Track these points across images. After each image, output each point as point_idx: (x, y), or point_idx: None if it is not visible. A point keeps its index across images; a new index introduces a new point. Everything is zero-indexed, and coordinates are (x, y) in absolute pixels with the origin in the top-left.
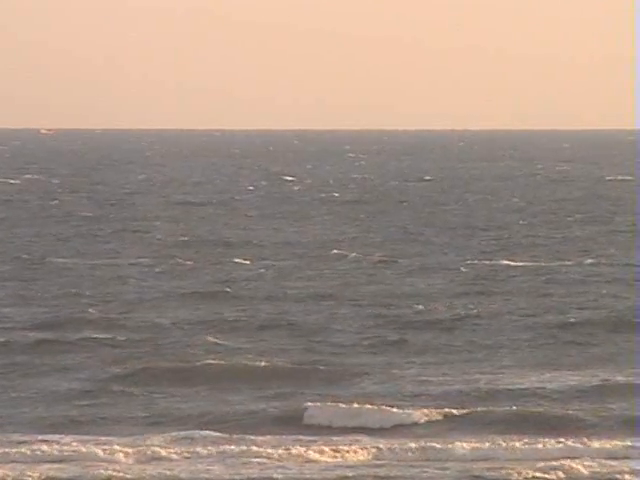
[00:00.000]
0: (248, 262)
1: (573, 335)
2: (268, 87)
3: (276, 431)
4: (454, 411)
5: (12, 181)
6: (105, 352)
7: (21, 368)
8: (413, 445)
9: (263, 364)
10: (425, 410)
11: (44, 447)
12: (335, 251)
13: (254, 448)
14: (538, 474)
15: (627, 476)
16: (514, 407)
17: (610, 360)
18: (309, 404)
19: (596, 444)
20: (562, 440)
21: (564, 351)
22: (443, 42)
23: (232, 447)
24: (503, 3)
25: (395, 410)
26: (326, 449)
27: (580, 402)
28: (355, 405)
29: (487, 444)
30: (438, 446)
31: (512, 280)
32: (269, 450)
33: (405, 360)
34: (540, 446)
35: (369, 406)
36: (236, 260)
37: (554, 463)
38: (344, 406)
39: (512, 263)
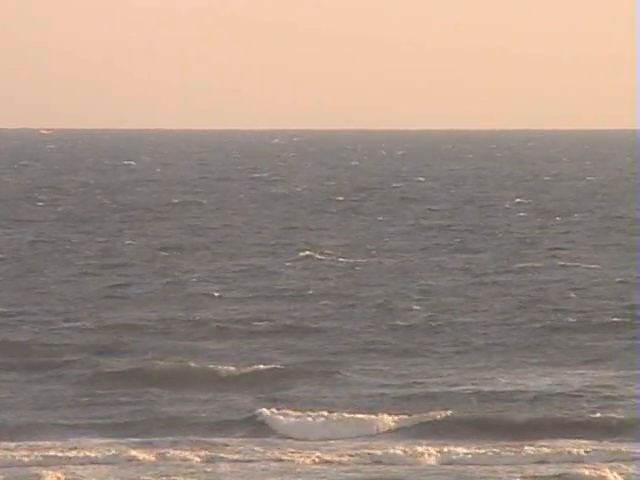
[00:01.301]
0: (234, 262)
1: (567, 335)
2: (268, 87)
3: (244, 435)
4: (437, 415)
5: (8, 180)
6: (78, 355)
7: None
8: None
9: (233, 368)
10: (405, 416)
11: (12, 453)
12: (318, 251)
13: (222, 453)
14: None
15: None
16: (507, 409)
17: (606, 360)
18: (264, 410)
19: (595, 447)
20: (559, 443)
21: (557, 351)
22: (443, 42)
23: (203, 450)
24: (503, 3)
25: (368, 416)
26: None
27: (576, 403)
28: (310, 413)
29: (483, 449)
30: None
31: (503, 279)
32: (236, 451)
33: (389, 362)
34: (534, 449)
35: (333, 413)
36: (222, 260)
37: (551, 468)
38: (301, 414)
39: (503, 262)
